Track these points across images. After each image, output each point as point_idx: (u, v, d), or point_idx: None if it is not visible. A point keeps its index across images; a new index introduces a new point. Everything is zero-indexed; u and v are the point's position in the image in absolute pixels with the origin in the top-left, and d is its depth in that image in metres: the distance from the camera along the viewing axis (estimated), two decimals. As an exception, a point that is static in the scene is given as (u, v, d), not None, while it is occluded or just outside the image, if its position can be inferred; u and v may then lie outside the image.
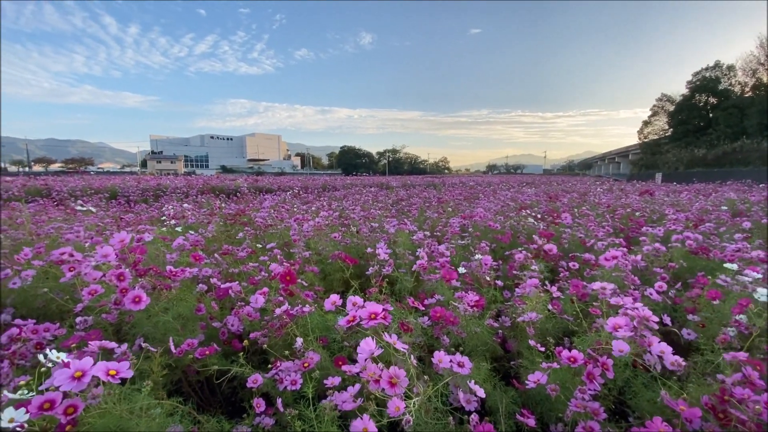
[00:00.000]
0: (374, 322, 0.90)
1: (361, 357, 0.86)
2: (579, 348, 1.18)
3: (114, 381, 0.72)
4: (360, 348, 0.87)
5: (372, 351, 0.85)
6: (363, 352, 0.86)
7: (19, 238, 2.60)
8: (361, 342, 0.87)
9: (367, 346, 0.86)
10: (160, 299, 1.33)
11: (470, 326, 1.38)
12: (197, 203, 5.95)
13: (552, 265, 2.20)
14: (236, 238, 3.06)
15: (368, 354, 0.85)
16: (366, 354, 0.85)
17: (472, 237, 2.91)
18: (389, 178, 22.23)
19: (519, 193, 8.04)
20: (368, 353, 0.85)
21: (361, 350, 0.86)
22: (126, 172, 55.80)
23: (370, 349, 0.85)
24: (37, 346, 1.28)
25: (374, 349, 0.85)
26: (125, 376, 0.74)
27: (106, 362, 0.73)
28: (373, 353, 0.84)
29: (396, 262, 2.19)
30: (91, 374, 0.70)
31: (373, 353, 0.84)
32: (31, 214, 3.75)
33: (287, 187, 11.45)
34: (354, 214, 4.07)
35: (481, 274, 1.83)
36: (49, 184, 9.05)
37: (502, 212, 4.38)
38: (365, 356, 0.86)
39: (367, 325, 0.90)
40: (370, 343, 0.87)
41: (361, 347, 0.87)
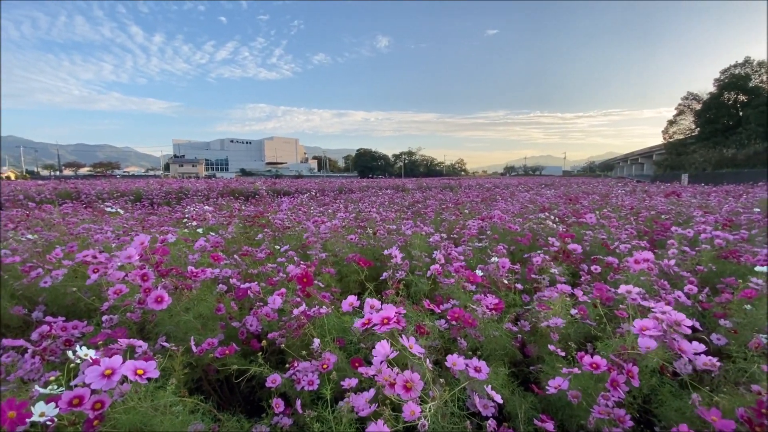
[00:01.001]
0: (387, 327, 0.90)
1: (376, 360, 0.86)
2: (602, 354, 1.14)
3: (141, 381, 0.74)
4: (375, 351, 0.86)
5: (387, 354, 0.84)
6: (378, 355, 0.86)
7: (51, 239, 2.71)
8: (377, 345, 0.86)
9: (382, 349, 0.86)
10: (182, 299, 1.36)
11: (488, 330, 1.36)
12: (217, 205, 6.08)
13: (573, 268, 2.15)
14: (255, 240, 3.11)
15: (383, 357, 0.84)
16: (381, 357, 0.85)
17: (490, 239, 2.87)
18: (405, 181, 22.19)
19: (538, 195, 7.90)
20: (383, 356, 0.85)
21: (376, 353, 0.86)
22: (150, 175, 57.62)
23: (384, 352, 0.85)
24: (66, 342, 1.33)
25: (389, 353, 0.84)
26: (152, 376, 0.76)
27: (134, 361, 0.76)
28: (388, 356, 0.84)
29: (412, 265, 2.18)
30: (121, 373, 0.72)
31: (388, 356, 0.84)
32: (63, 216, 3.91)
33: (304, 190, 11.59)
34: (370, 216, 4.08)
35: (499, 277, 1.80)
36: (78, 188, 9.43)
37: (521, 214, 4.31)
38: (380, 359, 0.85)
39: (380, 330, 0.90)
40: (385, 346, 0.86)
41: (376, 350, 0.86)
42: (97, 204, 6.50)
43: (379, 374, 0.82)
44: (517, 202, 6.11)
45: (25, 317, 1.80)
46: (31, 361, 1.18)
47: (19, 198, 7.24)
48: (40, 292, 1.90)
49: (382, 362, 0.85)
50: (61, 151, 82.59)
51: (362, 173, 73.93)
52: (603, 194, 8.10)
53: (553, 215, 3.80)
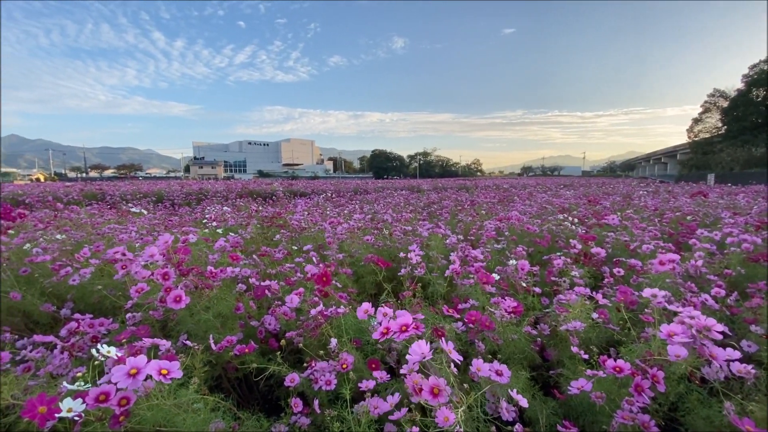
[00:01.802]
0: (406, 335, 0.88)
1: (411, 359, 0.82)
2: (626, 358, 1.11)
3: (165, 381, 0.76)
4: (411, 350, 0.82)
5: (424, 355, 0.81)
6: (414, 354, 0.82)
7: (79, 238, 2.81)
8: (413, 345, 0.82)
9: (419, 349, 0.82)
10: (202, 298, 1.39)
11: (507, 333, 1.34)
12: (236, 206, 6.19)
13: (594, 271, 2.09)
14: (273, 240, 3.15)
15: (419, 357, 0.81)
16: (417, 357, 0.81)
17: (508, 241, 2.83)
18: (420, 181, 22.12)
19: (556, 196, 7.75)
20: (419, 357, 0.81)
21: (412, 351, 0.82)
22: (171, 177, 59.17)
23: (422, 353, 0.81)
24: (93, 339, 1.38)
25: (427, 353, 0.81)
26: (175, 376, 0.78)
27: (159, 361, 0.77)
28: (425, 357, 0.81)
29: (429, 266, 2.17)
30: (145, 372, 0.74)
31: (425, 357, 0.81)
32: (89, 216, 4.05)
33: (320, 191, 11.68)
34: (386, 217, 4.08)
35: (517, 280, 1.77)
36: (103, 189, 9.75)
37: (539, 215, 4.24)
38: (416, 359, 0.82)
39: (399, 338, 0.88)
40: (422, 346, 0.82)
41: (412, 349, 0.82)
42: (121, 205, 6.72)
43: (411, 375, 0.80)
44: (535, 203, 6.01)
45: (54, 314, 1.87)
46: (60, 356, 1.22)
47: (49, 199, 7.54)
48: (68, 290, 1.97)
49: (415, 363, 0.82)
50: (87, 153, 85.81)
51: (377, 174, 74.07)
52: (625, 195, 7.89)
53: (573, 217, 3.72)
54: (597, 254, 1.94)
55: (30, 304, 1.86)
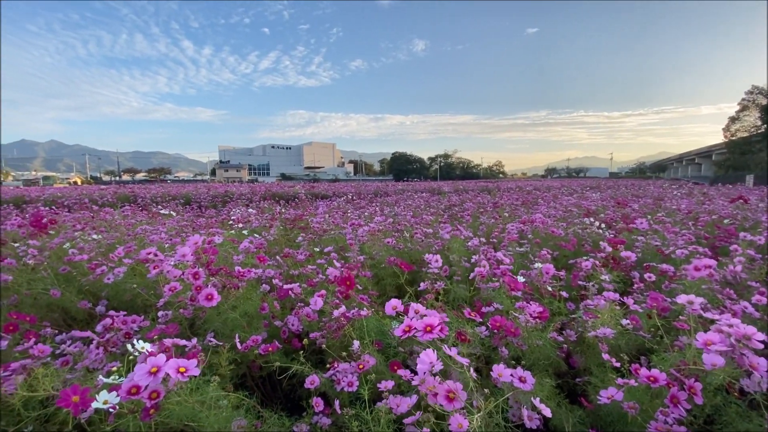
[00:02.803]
0: (430, 336, 0.87)
1: (421, 369, 0.83)
2: (659, 367, 1.07)
3: (183, 379, 0.78)
4: (420, 359, 0.83)
5: (432, 364, 0.81)
6: (423, 364, 0.82)
7: (112, 239, 2.94)
8: (422, 354, 0.83)
9: (427, 358, 0.82)
10: (229, 297, 1.43)
11: (532, 339, 1.31)
12: (260, 208, 6.33)
13: (623, 276, 2.02)
14: (295, 242, 3.20)
15: (428, 367, 0.81)
16: (426, 367, 0.82)
17: (532, 244, 2.77)
18: (441, 183, 21.97)
19: (582, 198, 7.52)
20: (428, 366, 0.81)
21: (421, 362, 0.83)
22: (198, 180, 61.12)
23: (430, 362, 0.82)
24: (126, 335, 1.43)
25: (435, 362, 0.81)
26: (193, 374, 0.81)
27: (178, 359, 0.80)
28: (434, 367, 0.81)
29: (451, 269, 2.15)
30: (165, 370, 0.77)
31: (434, 367, 0.81)
32: (123, 217, 4.24)
33: (341, 193, 11.79)
34: (407, 220, 4.07)
35: (542, 284, 1.73)
36: (135, 192, 10.18)
37: (564, 218, 4.13)
38: (425, 368, 0.82)
39: (422, 338, 0.87)
40: (431, 355, 0.83)
41: (421, 359, 0.83)
42: (151, 207, 6.99)
43: (423, 384, 0.80)
44: (560, 205, 5.86)
45: (90, 311, 1.96)
46: (95, 351, 1.28)
47: (85, 201, 7.94)
48: (103, 288, 2.06)
49: (425, 373, 0.82)
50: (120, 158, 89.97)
51: (397, 176, 74.11)
52: (656, 197, 7.58)
53: (600, 220, 3.61)
54: (627, 258, 1.87)
55: (68, 301, 1.96)
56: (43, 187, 19.67)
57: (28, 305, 1.89)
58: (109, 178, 72.86)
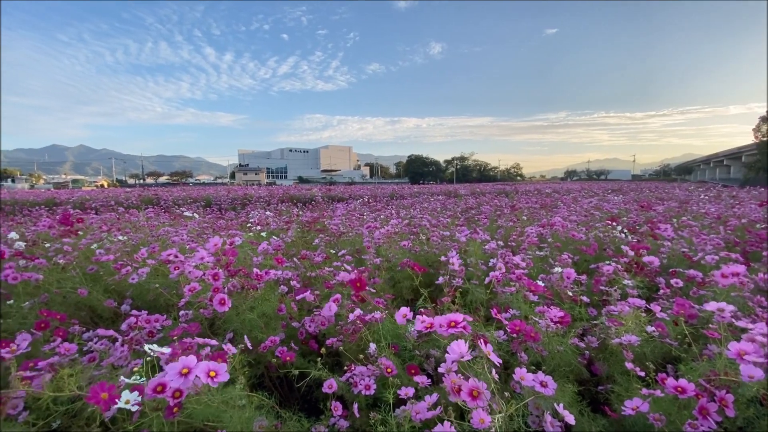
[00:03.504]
0: (453, 330, 0.87)
1: (449, 358, 0.82)
2: (688, 377, 1.02)
3: (213, 383, 0.80)
4: (450, 349, 0.82)
5: (462, 354, 0.80)
6: (452, 353, 0.81)
7: (136, 240, 3.03)
8: (452, 344, 0.82)
9: (457, 348, 0.81)
10: (248, 298, 1.45)
11: (552, 344, 1.28)
12: (278, 211, 6.42)
13: (648, 282, 1.96)
14: (312, 244, 3.23)
15: (458, 357, 0.80)
16: (455, 356, 0.80)
17: (551, 248, 2.71)
18: (457, 186, 21.83)
19: (604, 201, 7.33)
20: (458, 356, 0.80)
21: (451, 350, 0.81)
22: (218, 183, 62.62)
23: (460, 352, 0.80)
24: (149, 334, 1.47)
25: (465, 353, 0.80)
26: (222, 379, 0.82)
27: (208, 363, 0.82)
28: (464, 357, 0.79)
29: (467, 272, 2.13)
30: (195, 373, 0.79)
31: (464, 357, 0.79)
32: (147, 219, 4.37)
33: (357, 196, 11.85)
34: (423, 222, 4.06)
35: (563, 289, 1.69)
36: (158, 194, 10.49)
37: (585, 222, 4.03)
38: (454, 358, 0.81)
39: (445, 333, 0.87)
40: (461, 345, 0.81)
41: (451, 348, 0.82)
42: (174, 209, 7.19)
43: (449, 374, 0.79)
44: (581, 208, 5.73)
45: (116, 309, 2.02)
46: (120, 349, 1.32)
47: (111, 203, 8.22)
48: (127, 288, 2.13)
49: (454, 362, 0.81)
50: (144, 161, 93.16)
51: (413, 179, 73.99)
52: (681, 200, 7.32)
53: (623, 224, 3.51)
54: (650, 263, 1.81)
55: (95, 299, 2.03)
56: (72, 190, 20.51)
57: (58, 303, 1.96)
58: (134, 181, 75.42)
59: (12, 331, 1.58)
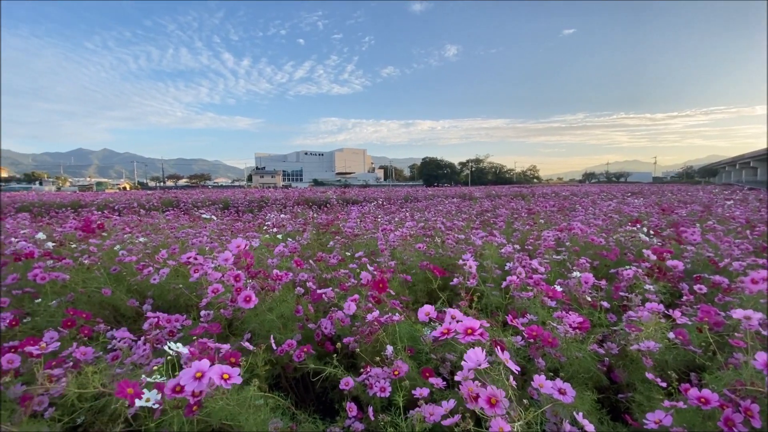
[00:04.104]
0: (471, 338, 0.86)
1: (466, 366, 0.81)
2: (712, 387, 0.99)
3: (226, 385, 0.82)
4: (467, 356, 0.81)
5: (480, 362, 0.79)
6: (470, 361, 0.80)
7: (157, 242, 3.11)
8: (469, 351, 0.81)
9: (474, 356, 0.80)
10: (266, 300, 1.47)
11: (571, 350, 1.26)
12: (293, 213, 6.49)
13: (670, 287, 1.90)
14: (327, 246, 3.26)
15: (475, 365, 0.79)
16: (472, 364, 0.80)
17: (570, 252, 2.67)
18: (472, 189, 21.63)
19: (624, 204, 7.16)
20: (475, 364, 0.79)
21: (468, 358, 0.81)
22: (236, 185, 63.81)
23: (477, 360, 0.80)
24: (169, 333, 1.51)
25: (482, 361, 0.79)
26: (236, 382, 0.84)
27: (222, 366, 0.84)
28: (481, 365, 0.79)
29: (483, 276, 2.11)
30: (209, 376, 0.81)
31: (481, 365, 0.79)
32: (167, 221, 4.49)
33: (371, 198, 11.88)
34: (438, 225, 4.04)
35: (581, 294, 1.66)
36: (178, 197, 10.75)
37: (605, 226, 3.94)
38: (471, 366, 0.80)
39: (463, 340, 0.86)
40: (478, 353, 0.80)
41: (468, 356, 0.81)
42: (193, 211, 7.35)
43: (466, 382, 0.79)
44: (600, 211, 5.60)
45: (138, 309, 2.08)
46: (142, 347, 1.36)
47: (133, 206, 8.47)
48: (149, 288, 2.18)
49: (470, 370, 0.80)
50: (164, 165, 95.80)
51: (427, 182, 73.73)
52: (705, 204, 7.09)
53: (644, 227, 3.41)
54: (674, 268, 1.76)
55: (118, 299, 2.09)
56: (96, 192, 21.23)
57: (83, 302, 2.03)
58: (154, 183, 77.58)
59: (40, 329, 1.65)
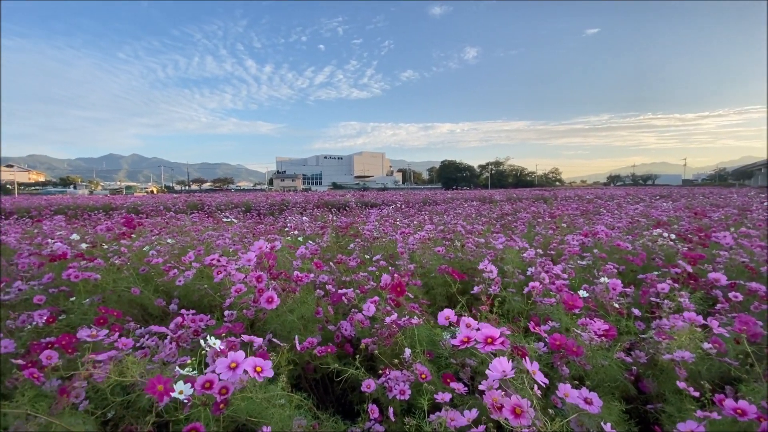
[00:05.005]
0: (491, 348, 0.85)
1: (492, 376, 0.79)
2: (749, 399, 0.95)
3: (259, 378, 0.84)
4: (492, 366, 0.80)
5: (505, 373, 0.78)
6: (495, 371, 0.79)
7: (183, 244, 3.21)
8: (494, 361, 0.80)
9: (500, 366, 0.79)
10: (287, 301, 1.50)
11: (596, 358, 1.22)
12: (313, 216, 6.57)
13: (703, 294, 1.82)
14: (347, 249, 3.28)
15: (500, 375, 0.78)
16: (498, 375, 0.78)
17: (595, 257, 2.59)
18: (492, 192, 21.34)
19: (652, 208, 6.91)
20: (500, 374, 0.78)
21: (493, 368, 0.79)
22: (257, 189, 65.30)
23: (502, 370, 0.78)
24: (194, 332, 1.56)
25: (509, 372, 0.78)
26: (267, 375, 0.86)
27: (255, 359, 0.86)
28: (507, 375, 0.78)
29: (504, 281, 2.08)
30: (243, 367, 0.83)
31: (507, 375, 0.78)
32: (192, 223, 4.63)
33: (390, 202, 11.90)
34: (458, 228, 4.01)
35: (608, 300, 1.61)
36: (202, 200, 11.06)
37: (631, 230, 3.82)
38: (496, 376, 0.79)
39: (483, 349, 0.85)
40: (504, 363, 0.79)
41: (493, 365, 0.79)
42: (216, 214, 7.55)
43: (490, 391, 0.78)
44: (626, 215, 5.43)
45: (164, 308, 2.15)
46: (169, 346, 1.41)
47: (160, 209, 8.77)
48: (175, 288, 2.26)
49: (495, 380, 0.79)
50: (189, 169, 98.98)
51: (446, 185, 73.21)
52: (740, 207, 6.76)
53: (674, 232, 3.29)
54: (716, 281, 1.68)
55: (146, 298, 2.17)
56: (126, 196, 22.13)
57: (113, 301, 2.11)
58: (180, 187, 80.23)
59: (74, 326, 1.73)
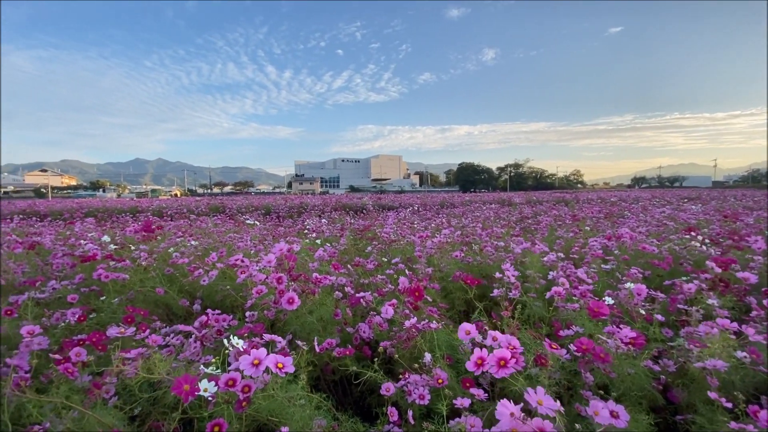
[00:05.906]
0: (505, 372, 0.82)
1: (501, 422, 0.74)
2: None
3: (280, 374, 0.85)
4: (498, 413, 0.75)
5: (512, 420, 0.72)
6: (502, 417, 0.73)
7: (206, 245, 3.29)
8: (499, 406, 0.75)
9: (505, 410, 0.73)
10: (307, 302, 1.52)
11: (622, 366, 1.19)
12: (331, 219, 6.63)
13: (735, 301, 1.75)
14: (365, 252, 3.29)
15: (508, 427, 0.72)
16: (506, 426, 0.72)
17: (619, 261, 2.52)
18: (511, 194, 21.02)
19: (679, 211, 6.66)
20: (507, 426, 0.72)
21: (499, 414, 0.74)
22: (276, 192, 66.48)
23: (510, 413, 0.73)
24: (217, 332, 1.59)
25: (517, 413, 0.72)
26: (289, 371, 0.87)
27: (276, 355, 0.87)
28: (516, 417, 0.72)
29: (524, 286, 2.04)
30: (266, 364, 0.84)
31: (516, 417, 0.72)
32: (215, 226, 4.75)
33: (407, 204, 11.89)
34: (477, 232, 3.97)
35: (633, 306, 1.56)
36: (224, 203, 11.33)
37: (657, 233, 3.69)
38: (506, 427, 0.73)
39: (497, 374, 0.82)
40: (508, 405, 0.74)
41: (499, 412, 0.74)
42: (237, 216, 7.72)
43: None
44: (651, 218, 5.25)
45: (188, 308, 2.21)
46: (194, 345, 1.44)
47: (184, 211, 9.03)
48: (198, 288, 2.31)
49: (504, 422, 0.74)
50: (211, 172, 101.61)
51: (464, 187, 72.57)
52: (776, 210, 6.43)
53: (704, 235, 3.16)
54: (745, 280, 1.61)
55: (171, 298, 2.23)
56: (151, 199, 22.91)
57: (140, 301, 2.18)
58: (202, 190, 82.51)
59: (104, 324, 1.79)
